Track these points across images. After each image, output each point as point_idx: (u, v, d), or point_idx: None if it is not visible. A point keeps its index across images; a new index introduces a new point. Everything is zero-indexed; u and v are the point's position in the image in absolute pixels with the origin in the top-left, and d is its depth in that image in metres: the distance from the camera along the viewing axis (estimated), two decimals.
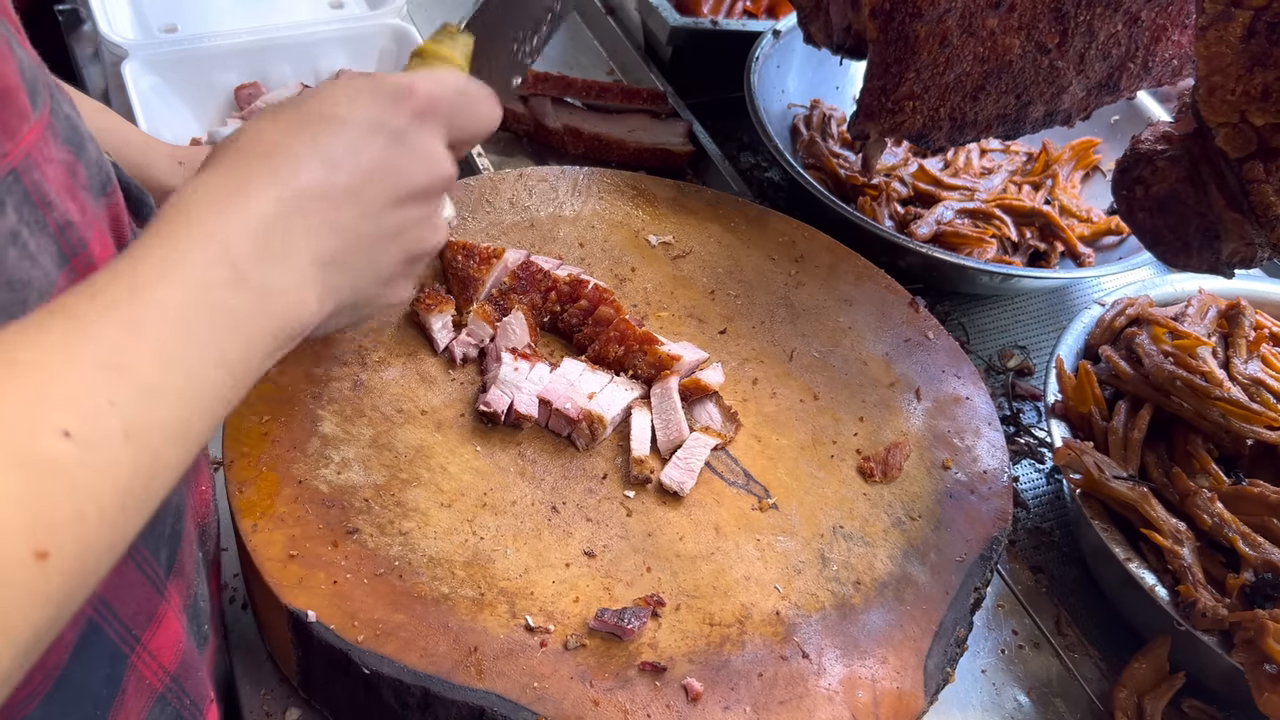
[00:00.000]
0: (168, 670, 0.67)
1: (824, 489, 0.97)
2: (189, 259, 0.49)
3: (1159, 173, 0.97)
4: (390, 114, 0.59)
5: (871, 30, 1.13)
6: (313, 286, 0.54)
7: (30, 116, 0.52)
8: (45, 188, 0.53)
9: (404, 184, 0.59)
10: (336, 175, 0.56)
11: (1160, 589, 0.97)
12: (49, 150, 0.54)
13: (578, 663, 0.80)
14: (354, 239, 0.56)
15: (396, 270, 0.61)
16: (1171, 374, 1.08)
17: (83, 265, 0.56)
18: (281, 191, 0.53)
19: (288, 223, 0.53)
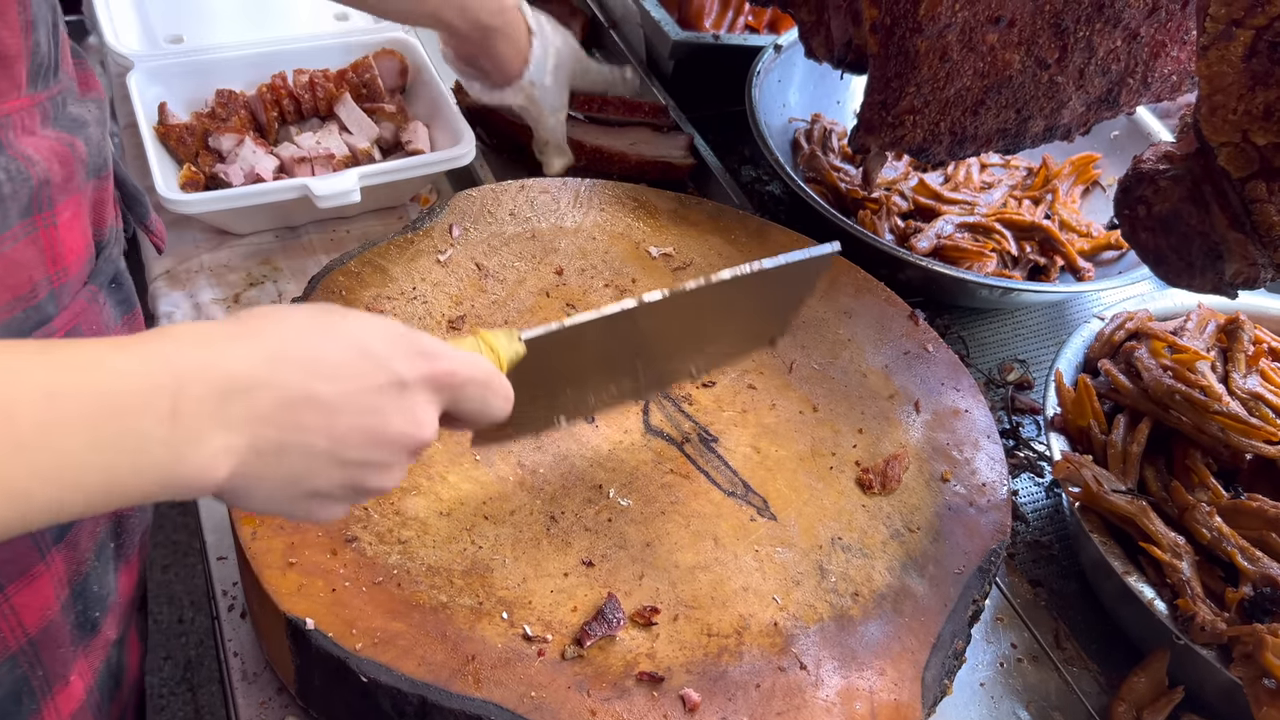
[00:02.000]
0: (27, 631, 0.67)
1: (823, 500, 0.97)
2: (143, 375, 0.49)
3: (1161, 192, 0.98)
4: (406, 364, 0.59)
5: (872, 45, 1.14)
6: (231, 461, 0.52)
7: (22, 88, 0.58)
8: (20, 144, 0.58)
9: (381, 429, 0.58)
10: (323, 385, 0.55)
11: (1159, 603, 0.97)
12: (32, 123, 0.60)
13: (575, 672, 0.80)
14: (304, 445, 0.55)
15: (332, 492, 0.59)
16: (1170, 388, 1.08)
17: (45, 224, 0.60)
18: (270, 367, 0.53)
19: (250, 392, 0.52)
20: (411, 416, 0.60)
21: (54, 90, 0.62)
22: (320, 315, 0.58)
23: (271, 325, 0.56)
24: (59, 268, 0.62)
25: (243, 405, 0.52)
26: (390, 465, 0.61)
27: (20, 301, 0.60)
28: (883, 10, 1.10)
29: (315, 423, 0.55)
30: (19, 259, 0.58)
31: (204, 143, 1.27)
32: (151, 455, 0.49)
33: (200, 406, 0.50)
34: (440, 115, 1.37)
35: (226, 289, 1.23)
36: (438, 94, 1.38)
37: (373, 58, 1.40)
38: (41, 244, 0.60)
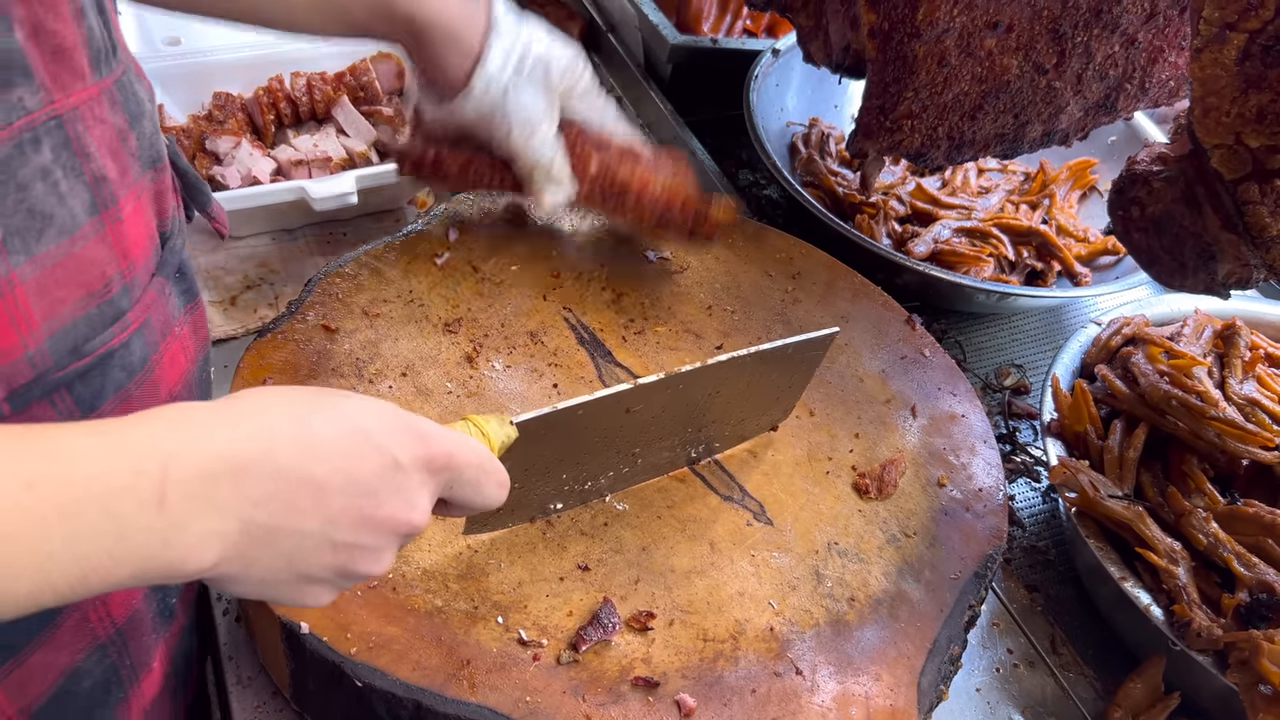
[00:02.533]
0: (115, 622, 0.69)
1: (819, 505, 0.97)
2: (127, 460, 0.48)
3: (1154, 193, 0.98)
4: (402, 448, 0.58)
5: (870, 49, 1.14)
6: (223, 544, 0.51)
7: (88, 78, 0.59)
8: (87, 141, 0.59)
9: (374, 511, 0.57)
10: (317, 465, 0.54)
11: (1155, 609, 0.97)
12: (101, 111, 0.60)
13: (570, 677, 0.80)
14: (295, 528, 0.54)
15: (323, 576, 0.58)
16: (1167, 393, 1.08)
17: (112, 220, 0.62)
18: (251, 449, 0.52)
19: (240, 475, 0.51)
20: (406, 499, 0.59)
21: (117, 73, 0.63)
22: (312, 395, 0.57)
23: (262, 404, 0.55)
24: (128, 262, 0.64)
25: (232, 488, 0.51)
26: (381, 550, 0.59)
27: (95, 297, 0.61)
28: (881, 15, 1.10)
29: (308, 504, 0.54)
30: (92, 256, 0.60)
31: (201, 145, 1.27)
32: (133, 543, 0.48)
33: (187, 490, 0.49)
34: None
35: (223, 291, 1.23)
36: None
37: (370, 61, 1.40)
38: (110, 240, 0.62)
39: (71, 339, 0.60)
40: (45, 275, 0.57)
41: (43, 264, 0.57)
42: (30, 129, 0.55)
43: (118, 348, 0.64)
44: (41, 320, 0.58)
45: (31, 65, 0.54)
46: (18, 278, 0.55)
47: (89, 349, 0.61)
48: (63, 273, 0.58)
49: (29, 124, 0.54)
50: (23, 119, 0.54)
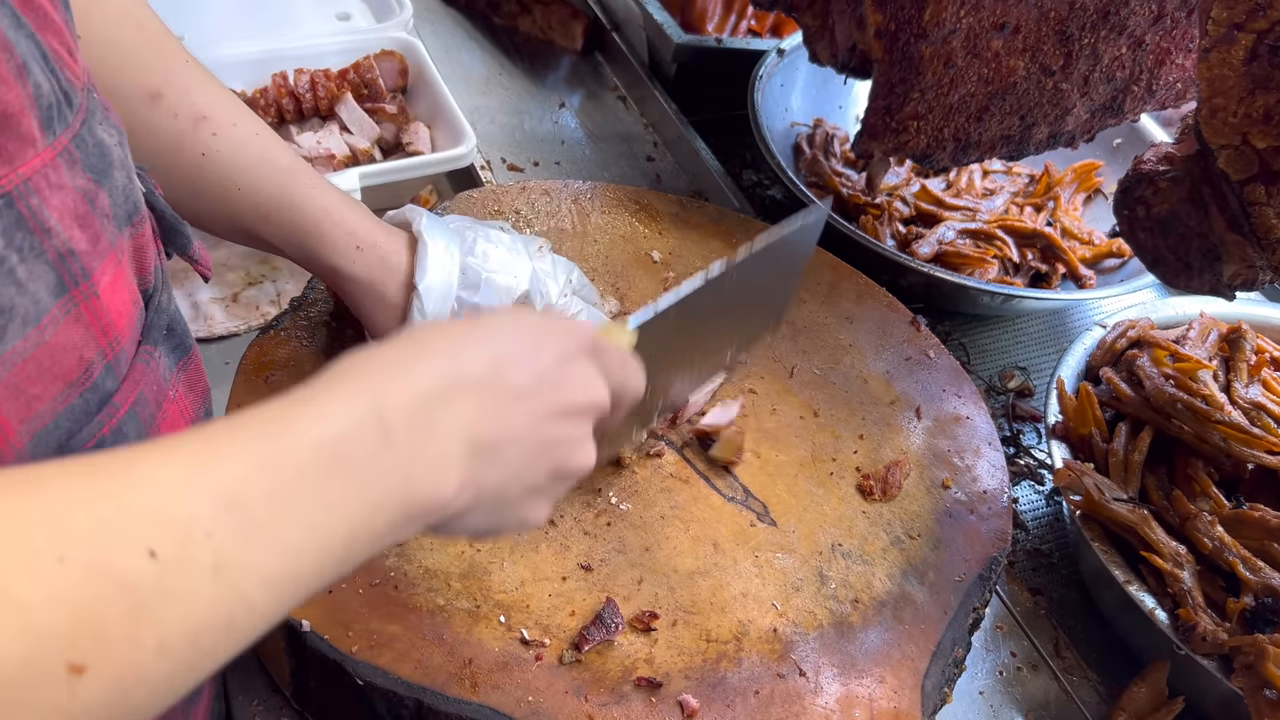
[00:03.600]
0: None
1: (823, 506, 0.96)
2: (340, 411, 0.48)
3: (1160, 193, 0.97)
4: (564, 339, 0.60)
5: (876, 50, 1.13)
6: (458, 467, 0.52)
7: (38, 143, 0.50)
8: (45, 214, 0.51)
9: (566, 399, 0.59)
10: (507, 371, 0.56)
11: (1160, 612, 0.96)
12: (58, 177, 0.52)
13: (573, 677, 0.80)
14: (512, 433, 0.56)
15: (541, 483, 0.60)
16: (1172, 397, 1.08)
17: (85, 296, 0.54)
18: (451, 370, 0.53)
19: (450, 398, 0.52)
20: (586, 382, 0.61)
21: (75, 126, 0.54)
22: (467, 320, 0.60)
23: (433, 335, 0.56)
24: (109, 338, 0.57)
25: (445, 410, 0.52)
26: (582, 439, 0.62)
27: (75, 386, 0.54)
28: (887, 15, 1.10)
29: (516, 408, 0.56)
30: (65, 342, 0.53)
31: None
32: (380, 486, 0.48)
33: (409, 423, 0.50)
34: (441, 116, 1.37)
35: (225, 288, 1.23)
36: (439, 95, 1.38)
37: (374, 58, 1.40)
38: (85, 319, 0.54)
39: (55, 439, 0.53)
40: (15, 375, 0.50)
41: (10, 363, 0.49)
42: None
43: (109, 436, 0.57)
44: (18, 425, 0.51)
45: None
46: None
47: (76, 444, 0.54)
48: (34, 367, 0.51)
49: None
50: None
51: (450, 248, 0.90)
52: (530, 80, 1.67)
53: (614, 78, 1.74)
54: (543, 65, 1.72)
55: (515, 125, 1.57)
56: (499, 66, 1.68)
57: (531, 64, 1.71)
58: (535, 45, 1.75)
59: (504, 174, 1.46)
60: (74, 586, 0.36)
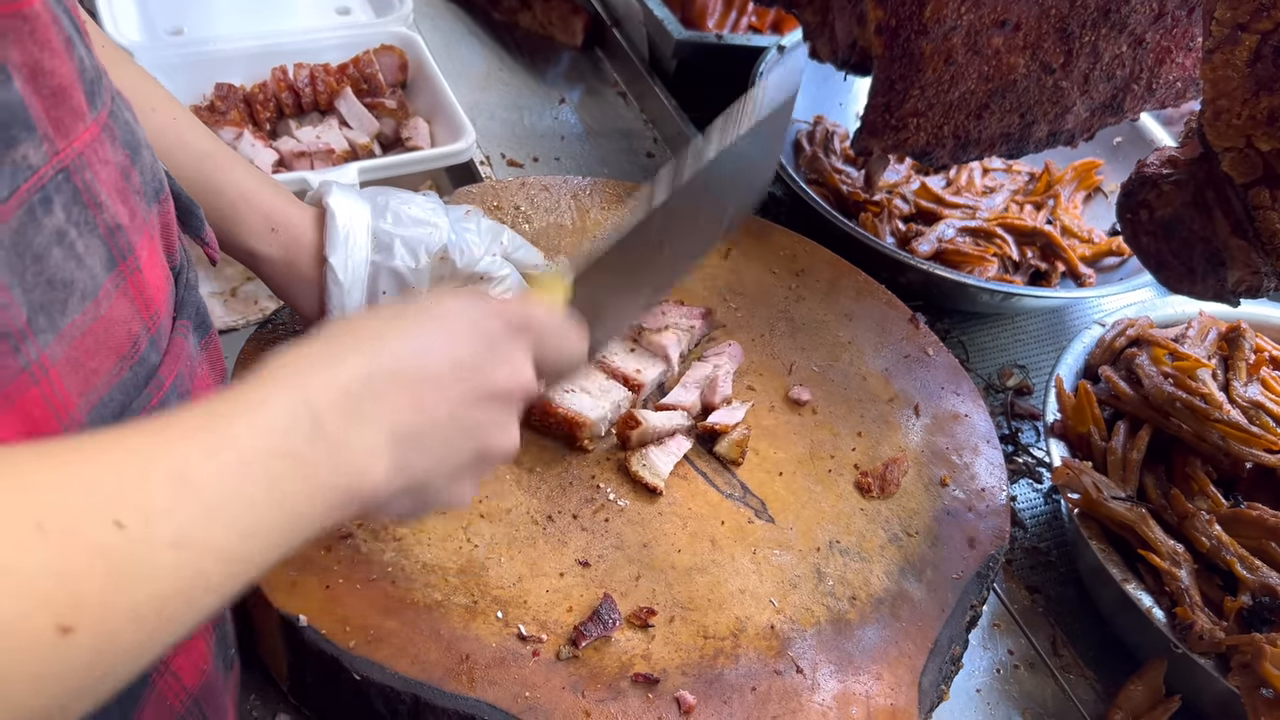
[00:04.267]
0: (190, 691, 0.66)
1: (821, 503, 0.96)
2: (273, 404, 0.50)
3: (1164, 197, 0.97)
4: (485, 320, 0.62)
5: (877, 46, 1.13)
6: (385, 455, 0.54)
7: (86, 116, 0.52)
8: (96, 188, 0.53)
9: (487, 384, 0.61)
10: (427, 360, 0.58)
11: (1157, 611, 0.96)
12: (104, 151, 0.54)
13: (570, 673, 0.80)
14: (432, 422, 0.58)
15: (465, 465, 0.62)
16: (1171, 395, 1.08)
17: (130, 270, 0.55)
18: (372, 363, 0.55)
19: (374, 391, 0.54)
20: (508, 365, 0.62)
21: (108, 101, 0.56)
22: (395, 308, 0.61)
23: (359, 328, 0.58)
24: (151, 313, 0.59)
25: (371, 403, 0.54)
26: (505, 422, 0.63)
27: (126, 360, 0.56)
28: (888, 12, 1.09)
29: (434, 397, 0.57)
30: (117, 316, 0.55)
31: None
32: (314, 476, 0.51)
33: (336, 415, 0.52)
34: (440, 112, 1.36)
35: (224, 282, 1.23)
36: (438, 90, 1.38)
37: (373, 53, 1.40)
38: (131, 294, 0.56)
39: (110, 411, 0.56)
40: (75, 349, 0.52)
41: (71, 337, 0.51)
42: (39, 189, 0.49)
43: (157, 409, 0.58)
44: (78, 399, 0.53)
45: (33, 116, 0.48)
46: (49, 359, 0.50)
47: (129, 417, 0.57)
48: (92, 341, 0.53)
49: (37, 183, 0.49)
50: (30, 179, 0.48)
51: (359, 215, 0.89)
52: (530, 76, 1.67)
53: (614, 73, 1.73)
54: (543, 61, 1.71)
55: (515, 121, 1.56)
56: (499, 62, 1.68)
57: (531, 59, 1.71)
58: (535, 41, 1.74)
59: (503, 169, 1.46)
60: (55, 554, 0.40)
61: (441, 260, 0.91)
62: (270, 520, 0.48)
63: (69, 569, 0.40)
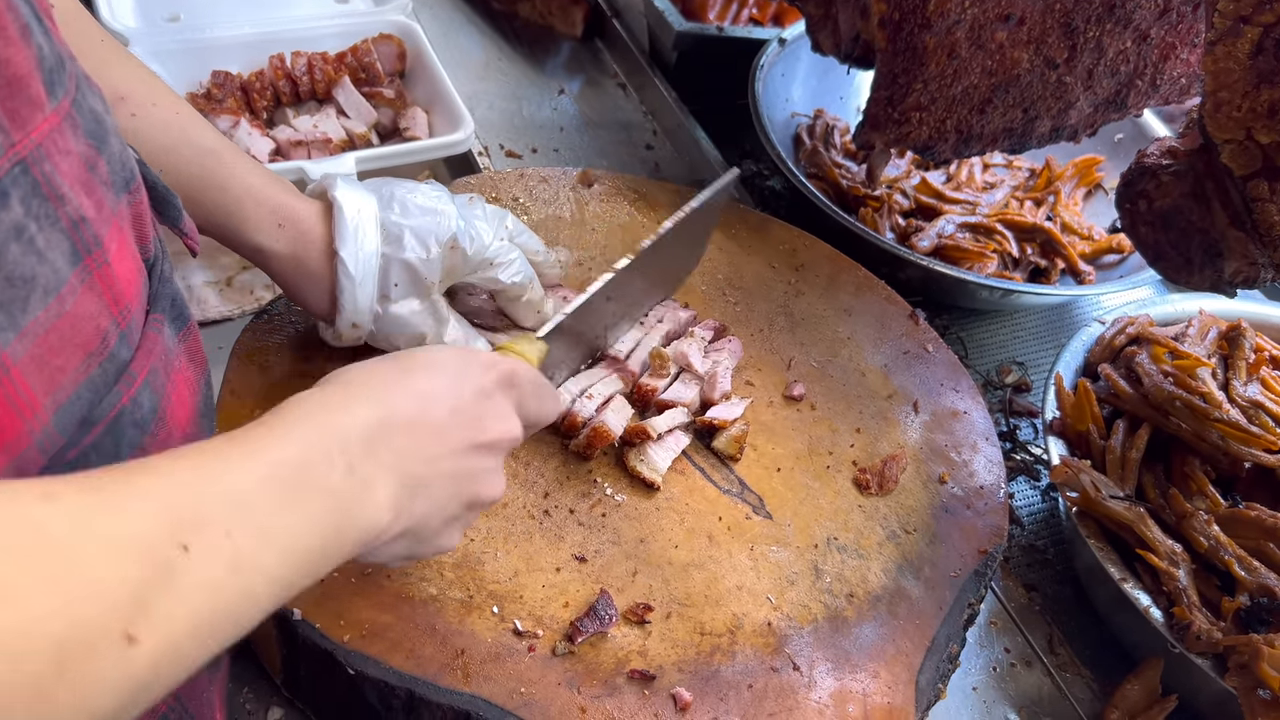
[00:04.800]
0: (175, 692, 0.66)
1: (819, 500, 0.96)
2: (309, 442, 0.54)
3: (1163, 187, 0.97)
4: (480, 375, 0.66)
5: (880, 40, 1.12)
6: (392, 504, 0.58)
7: (45, 106, 0.50)
8: (57, 180, 0.51)
9: (481, 434, 0.65)
10: (430, 410, 0.62)
11: (1155, 610, 0.96)
12: (65, 142, 0.52)
13: (566, 669, 0.79)
14: (434, 471, 0.62)
15: (457, 513, 0.65)
16: (1171, 394, 1.07)
17: (97, 264, 0.54)
18: (382, 413, 0.59)
19: (387, 436, 0.58)
20: (501, 418, 0.67)
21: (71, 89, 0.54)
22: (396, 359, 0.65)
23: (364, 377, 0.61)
24: (120, 307, 0.57)
25: (385, 448, 0.57)
26: (495, 470, 0.67)
27: (95, 356, 0.55)
28: (891, 5, 1.09)
29: (436, 447, 0.61)
30: (84, 311, 0.53)
31: None
32: (344, 510, 0.54)
33: (363, 457, 0.56)
34: (439, 102, 1.35)
35: (219, 272, 1.22)
36: (437, 80, 1.37)
37: (371, 42, 1.39)
38: (99, 288, 0.55)
39: (79, 410, 0.54)
40: (39, 347, 0.50)
41: (34, 334, 0.50)
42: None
43: (128, 406, 0.57)
44: (44, 398, 0.51)
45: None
46: (9, 358, 0.48)
47: (98, 415, 0.55)
48: (56, 338, 0.51)
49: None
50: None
51: (367, 208, 0.88)
52: (529, 66, 1.66)
53: (614, 64, 1.72)
54: (542, 51, 1.70)
55: (514, 111, 1.55)
56: (498, 52, 1.67)
57: (531, 50, 1.70)
58: (534, 31, 1.73)
59: (502, 160, 1.45)
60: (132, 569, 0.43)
61: (452, 249, 0.91)
62: (308, 549, 0.51)
63: (142, 583, 0.43)
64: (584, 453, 0.93)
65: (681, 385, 0.99)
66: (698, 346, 1.02)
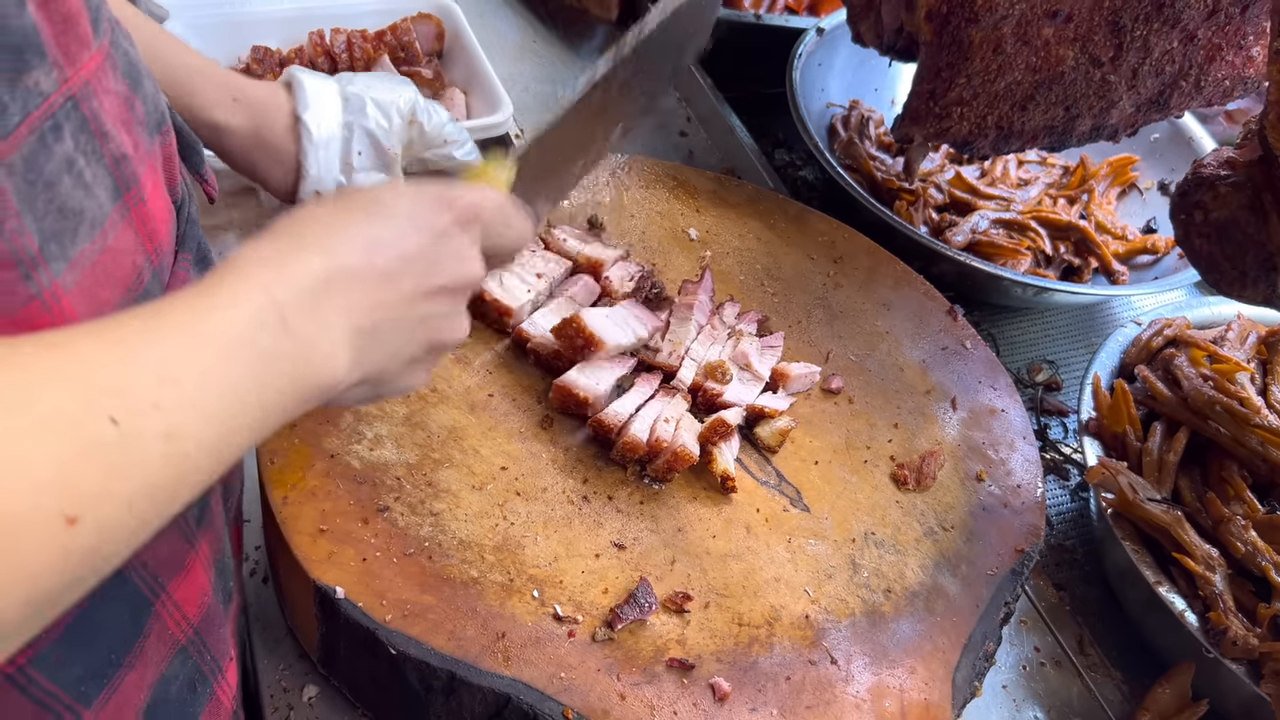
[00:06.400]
0: (191, 622, 0.67)
1: (856, 494, 0.96)
2: (243, 302, 0.51)
3: (1220, 198, 0.96)
4: (434, 214, 0.63)
5: (925, 33, 1.11)
6: (346, 350, 0.56)
7: (91, 44, 0.52)
8: (102, 117, 0.53)
9: (436, 277, 0.62)
10: (377, 257, 0.59)
11: (1190, 614, 0.96)
12: (107, 81, 0.54)
13: (605, 655, 0.79)
14: (386, 317, 0.59)
15: (418, 355, 0.64)
16: (1211, 398, 1.07)
17: (135, 201, 0.56)
18: (328, 261, 0.56)
19: (330, 288, 0.56)
20: (457, 259, 0.64)
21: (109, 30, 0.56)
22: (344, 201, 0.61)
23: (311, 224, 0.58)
24: (154, 245, 0.60)
25: (328, 300, 0.55)
26: (455, 313, 0.65)
27: (132, 292, 0.57)
28: None
29: (386, 294, 0.59)
30: (123, 247, 0.56)
31: None
32: (286, 371, 0.52)
33: (300, 314, 0.53)
34: (477, 82, 1.35)
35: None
36: (475, 61, 1.36)
37: (410, 20, 1.38)
38: (135, 224, 0.57)
39: None
40: (86, 278, 0.53)
41: (82, 266, 0.52)
42: (50, 116, 0.49)
43: None
44: None
45: (44, 41, 0.48)
46: (61, 288, 0.51)
47: None
48: (101, 272, 0.54)
49: (48, 110, 0.49)
50: (40, 106, 0.48)
51: (327, 84, 0.91)
52: (564, 49, 1.65)
53: None
54: (577, 34, 1.69)
55: (549, 95, 1.55)
56: (533, 34, 1.66)
57: (566, 33, 1.69)
58: (570, 13, 1.72)
59: None
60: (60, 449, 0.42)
61: (411, 124, 0.93)
62: (246, 413, 0.50)
63: (72, 463, 0.42)
64: (664, 477, 0.91)
65: (740, 384, 0.99)
66: (756, 347, 1.01)
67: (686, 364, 0.99)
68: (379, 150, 0.92)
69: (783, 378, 1.01)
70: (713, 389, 0.97)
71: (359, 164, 0.92)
